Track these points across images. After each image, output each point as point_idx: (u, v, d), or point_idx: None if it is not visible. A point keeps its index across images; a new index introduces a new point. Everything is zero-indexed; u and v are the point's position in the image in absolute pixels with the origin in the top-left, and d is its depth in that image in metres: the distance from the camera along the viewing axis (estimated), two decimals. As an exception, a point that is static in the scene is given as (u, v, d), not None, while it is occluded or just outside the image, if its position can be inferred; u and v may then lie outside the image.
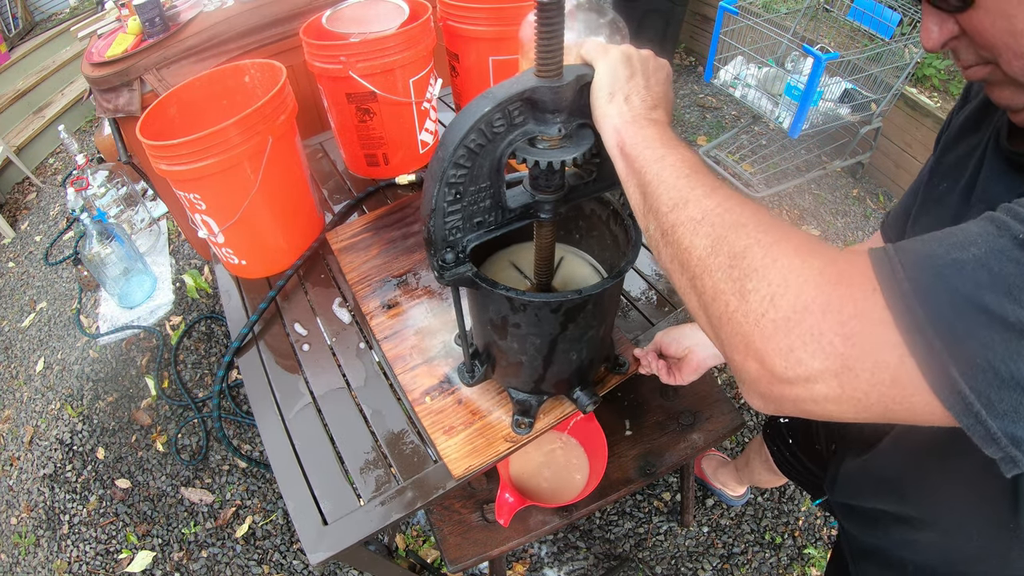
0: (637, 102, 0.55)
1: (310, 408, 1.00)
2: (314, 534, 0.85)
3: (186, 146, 0.97)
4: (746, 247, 0.38)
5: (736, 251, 0.38)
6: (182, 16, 1.72)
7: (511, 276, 0.90)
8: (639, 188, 0.50)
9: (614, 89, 0.55)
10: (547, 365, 0.81)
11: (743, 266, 0.37)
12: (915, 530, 0.74)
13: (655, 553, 1.69)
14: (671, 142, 0.51)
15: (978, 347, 0.31)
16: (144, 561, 1.74)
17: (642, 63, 0.57)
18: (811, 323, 0.34)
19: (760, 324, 0.36)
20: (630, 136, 0.52)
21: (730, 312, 0.38)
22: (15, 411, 2.23)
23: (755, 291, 0.36)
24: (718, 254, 0.39)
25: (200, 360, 2.24)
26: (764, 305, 0.36)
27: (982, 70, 0.48)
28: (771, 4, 2.92)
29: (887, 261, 0.35)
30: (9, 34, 3.84)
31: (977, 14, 0.43)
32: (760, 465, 1.34)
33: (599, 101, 0.56)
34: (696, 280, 0.41)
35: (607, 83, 0.56)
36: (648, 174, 0.49)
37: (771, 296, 0.36)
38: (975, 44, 0.46)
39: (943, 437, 0.63)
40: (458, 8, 1.27)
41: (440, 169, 0.58)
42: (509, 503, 1.06)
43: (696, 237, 0.41)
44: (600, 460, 1.12)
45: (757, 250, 0.37)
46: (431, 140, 1.46)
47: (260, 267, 1.23)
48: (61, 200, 3.21)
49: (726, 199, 0.43)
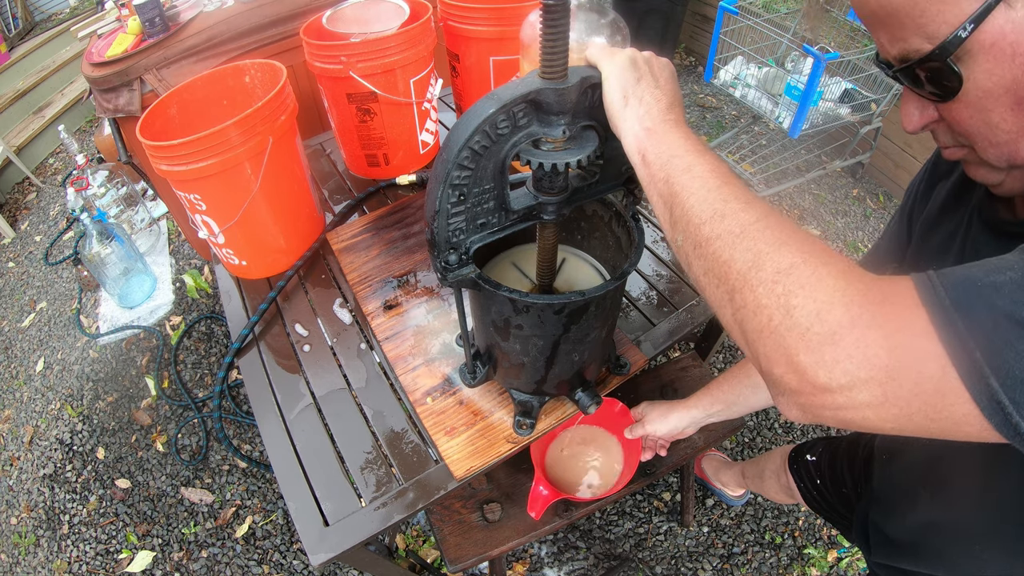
0: (652, 103, 0.54)
1: (311, 409, 1.00)
2: (315, 535, 0.84)
3: (186, 146, 0.96)
4: (792, 265, 0.39)
5: (781, 268, 0.39)
6: (182, 16, 1.71)
7: (513, 277, 0.90)
8: (665, 198, 0.50)
9: (627, 93, 0.55)
10: (549, 366, 0.81)
11: (788, 283, 0.38)
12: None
13: (655, 553, 1.69)
14: (695, 148, 0.50)
15: (1015, 358, 0.33)
16: (144, 561, 1.74)
17: (647, 64, 0.57)
18: (857, 336, 0.35)
19: (805, 338, 0.37)
20: (653, 144, 0.52)
21: (773, 326, 0.38)
22: (15, 411, 2.23)
23: (800, 307, 0.37)
24: (761, 269, 0.40)
25: (200, 360, 2.24)
26: (810, 320, 0.37)
27: (959, 151, 0.50)
28: (771, 4, 2.92)
29: (928, 282, 0.36)
30: (9, 34, 3.84)
31: (957, 106, 0.45)
32: (776, 487, 1.32)
33: (614, 106, 0.56)
34: (736, 293, 0.42)
35: (618, 87, 0.55)
36: (676, 184, 0.49)
37: (817, 311, 0.37)
38: (953, 131, 0.48)
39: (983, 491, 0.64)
40: (458, 8, 1.27)
41: (444, 171, 0.58)
42: (544, 496, 1.05)
43: (736, 251, 0.42)
44: (634, 453, 1.12)
45: (803, 268, 0.39)
46: (431, 140, 1.46)
47: (260, 267, 1.23)
48: (61, 200, 3.21)
49: (765, 215, 0.43)
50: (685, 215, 0.47)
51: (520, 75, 1.21)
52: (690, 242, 0.47)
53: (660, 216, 0.51)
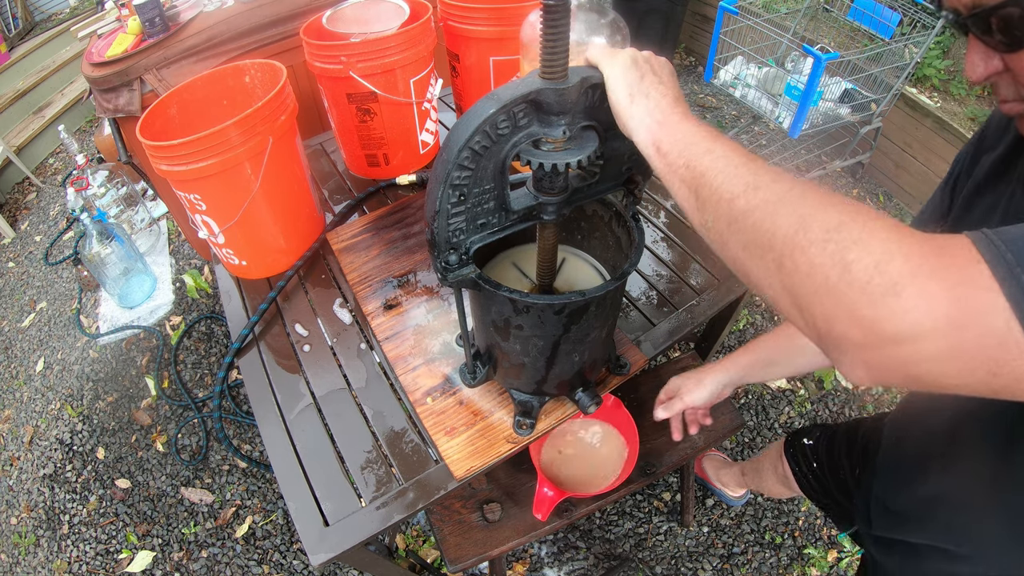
0: (658, 98, 0.55)
1: (311, 409, 1.00)
2: (315, 535, 0.84)
3: (186, 146, 0.96)
4: (840, 222, 0.38)
5: (830, 226, 0.39)
6: (182, 16, 1.71)
7: (513, 277, 0.90)
8: (688, 183, 0.50)
9: (632, 91, 0.55)
10: (549, 366, 0.81)
11: (840, 239, 0.38)
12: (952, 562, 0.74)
13: (655, 553, 1.69)
14: (711, 133, 0.51)
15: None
16: (144, 561, 1.74)
17: (648, 63, 0.58)
18: (919, 286, 0.35)
19: (867, 291, 0.36)
20: (667, 135, 0.52)
21: (831, 284, 0.38)
22: (15, 411, 2.23)
23: (858, 261, 0.37)
24: (809, 230, 0.39)
25: (200, 360, 2.24)
26: (869, 273, 0.36)
27: (1019, 106, 0.49)
28: (771, 4, 2.92)
29: (986, 239, 0.36)
30: (9, 34, 3.84)
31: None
32: (773, 478, 1.32)
33: (621, 104, 0.56)
34: (785, 259, 0.40)
35: (623, 86, 0.56)
36: (699, 167, 0.49)
37: (875, 264, 0.36)
38: (1018, 82, 0.47)
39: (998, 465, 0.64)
40: (458, 8, 1.27)
41: (444, 171, 0.58)
42: (549, 497, 1.05)
43: (779, 218, 0.41)
44: (632, 445, 1.12)
45: (853, 225, 0.38)
46: (431, 140, 1.46)
47: (260, 268, 1.23)
48: (61, 200, 3.21)
49: (798, 182, 0.43)
50: (715, 194, 0.47)
51: (520, 75, 1.21)
52: (723, 220, 0.46)
53: (684, 202, 0.51)
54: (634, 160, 0.70)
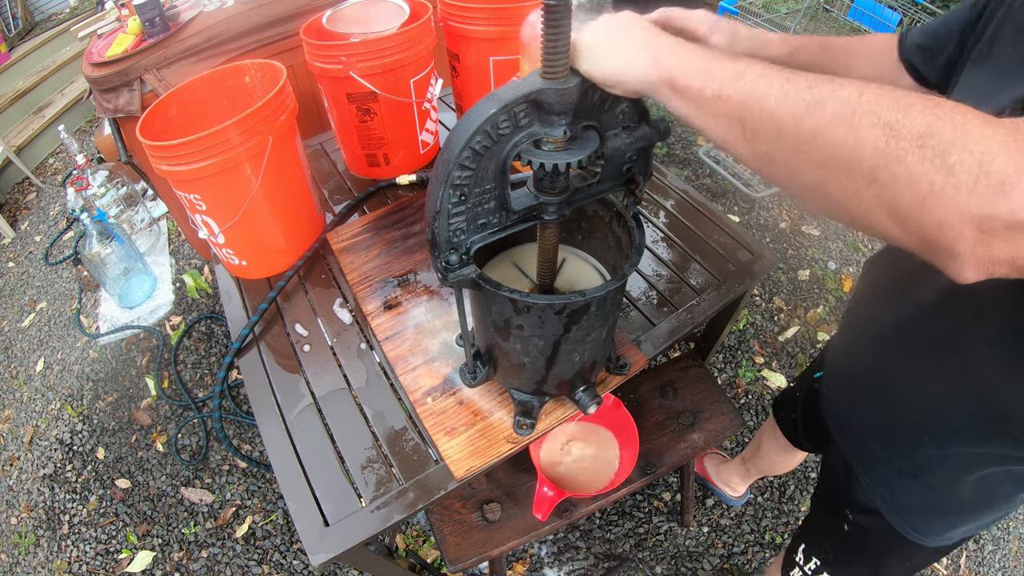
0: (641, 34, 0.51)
1: (311, 409, 1.00)
2: (315, 535, 0.84)
3: (186, 146, 0.96)
4: (929, 124, 0.37)
5: (920, 131, 0.37)
6: (182, 16, 1.71)
7: (514, 277, 0.90)
8: (728, 115, 0.46)
9: (614, 38, 0.52)
10: (549, 366, 0.81)
11: (935, 144, 0.37)
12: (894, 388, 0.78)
13: (655, 553, 1.69)
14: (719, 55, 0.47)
15: None
16: (144, 561, 1.74)
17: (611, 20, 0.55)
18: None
19: (975, 191, 0.36)
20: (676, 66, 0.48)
21: (936, 190, 0.37)
22: (15, 411, 2.23)
23: (960, 163, 0.36)
24: (899, 139, 0.38)
25: (200, 360, 2.24)
26: (975, 173, 0.36)
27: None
28: (771, 4, 2.92)
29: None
30: (9, 34, 3.84)
31: None
32: (774, 447, 1.35)
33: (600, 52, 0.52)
34: (879, 172, 0.39)
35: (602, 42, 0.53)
36: (738, 95, 0.45)
37: (979, 163, 0.36)
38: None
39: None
40: (459, 8, 1.27)
41: (445, 171, 0.58)
42: (549, 497, 1.05)
43: (861, 130, 0.39)
44: (632, 444, 1.12)
45: (943, 124, 0.37)
46: (431, 140, 1.46)
47: (260, 268, 1.23)
48: (61, 200, 3.21)
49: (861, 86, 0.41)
50: (770, 120, 0.43)
51: (520, 75, 1.21)
52: (789, 145, 0.43)
53: (727, 135, 0.47)
54: (634, 160, 0.70)
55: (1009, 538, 1.72)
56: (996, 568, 1.67)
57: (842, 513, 0.92)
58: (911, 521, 0.82)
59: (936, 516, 0.80)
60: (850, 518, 0.91)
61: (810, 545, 1.04)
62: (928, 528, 0.81)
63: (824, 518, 1.02)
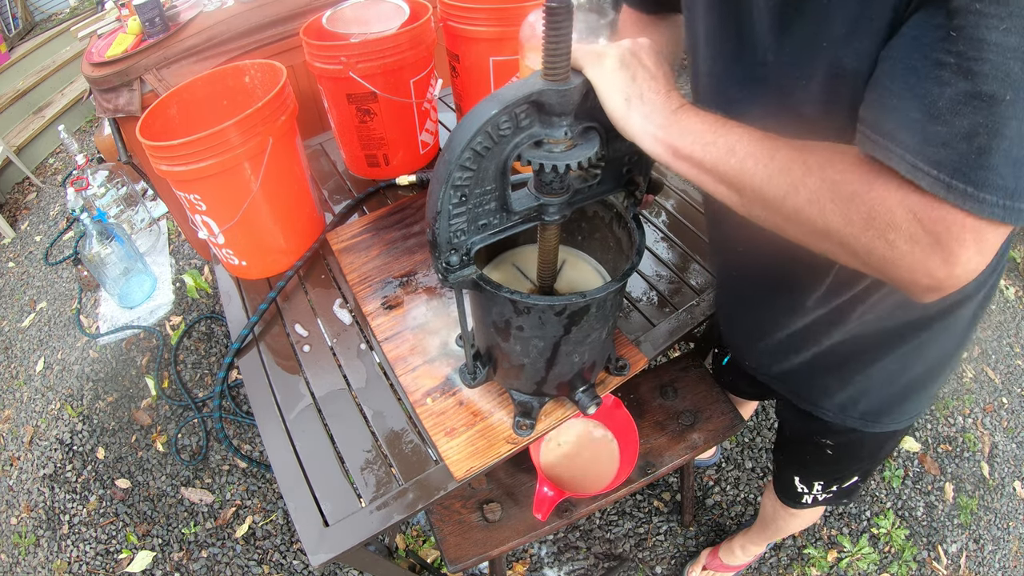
0: (653, 97, 0.55)
1: (311, 409, 1.00)
2: (315, 536, 0.84)
3: (186, 147, 0.96)
4: (870, 210, 0.45)
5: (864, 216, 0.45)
6: (182, 16, 1.71)
7: (514, 278, 0.90)
8: (726, 184, 0.52)
9: (627, 95, 0.55)
10: (549, 367, 0.81)
11: (878, 226, 0.45)
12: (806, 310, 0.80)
13: (655, 553, 1.69)
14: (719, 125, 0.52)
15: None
16: (144, 561, 1.74)
17: (634, 56, 0.56)
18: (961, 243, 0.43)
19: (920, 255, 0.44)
20: (678, 138, 0.53)
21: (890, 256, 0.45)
22: (15, 411, 2.23)
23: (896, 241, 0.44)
24: (852, 224, 0.46)
25: (200, 360, 2.24)
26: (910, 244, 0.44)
27: None
28: None
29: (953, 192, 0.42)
30: (9, 34, 3.84)
31: None
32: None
33: (618, 112, 0.56)
34: (844, 245, 0.48)
35: (616, 91, 0.55)
36: (731, 171, 0.51)
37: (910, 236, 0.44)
38: None
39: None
40: (458, 8, 1.27)
41: (446, 172, 0.58)
42: (549, 497, 1.05)
43: (825, 215, 0.47)
44: (631, 444, 1.12)
45: (879, 207, 0.44)
46: (431, 141, 1.46)
47: (260, 268, 1.23)
48: (61, 200, 3.21)
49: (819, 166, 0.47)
50: (759, 195, 0.50)
51: (520, 75, 1.21)
52: (777, 216, 0.51)
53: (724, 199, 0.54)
54: (634, 161, 0.70)
55: (1009, 538, 1.72)
56: (996, 568, 1.67)
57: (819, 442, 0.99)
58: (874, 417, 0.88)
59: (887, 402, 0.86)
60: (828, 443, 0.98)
61: (803, 477, 1.11)
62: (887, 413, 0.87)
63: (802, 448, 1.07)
